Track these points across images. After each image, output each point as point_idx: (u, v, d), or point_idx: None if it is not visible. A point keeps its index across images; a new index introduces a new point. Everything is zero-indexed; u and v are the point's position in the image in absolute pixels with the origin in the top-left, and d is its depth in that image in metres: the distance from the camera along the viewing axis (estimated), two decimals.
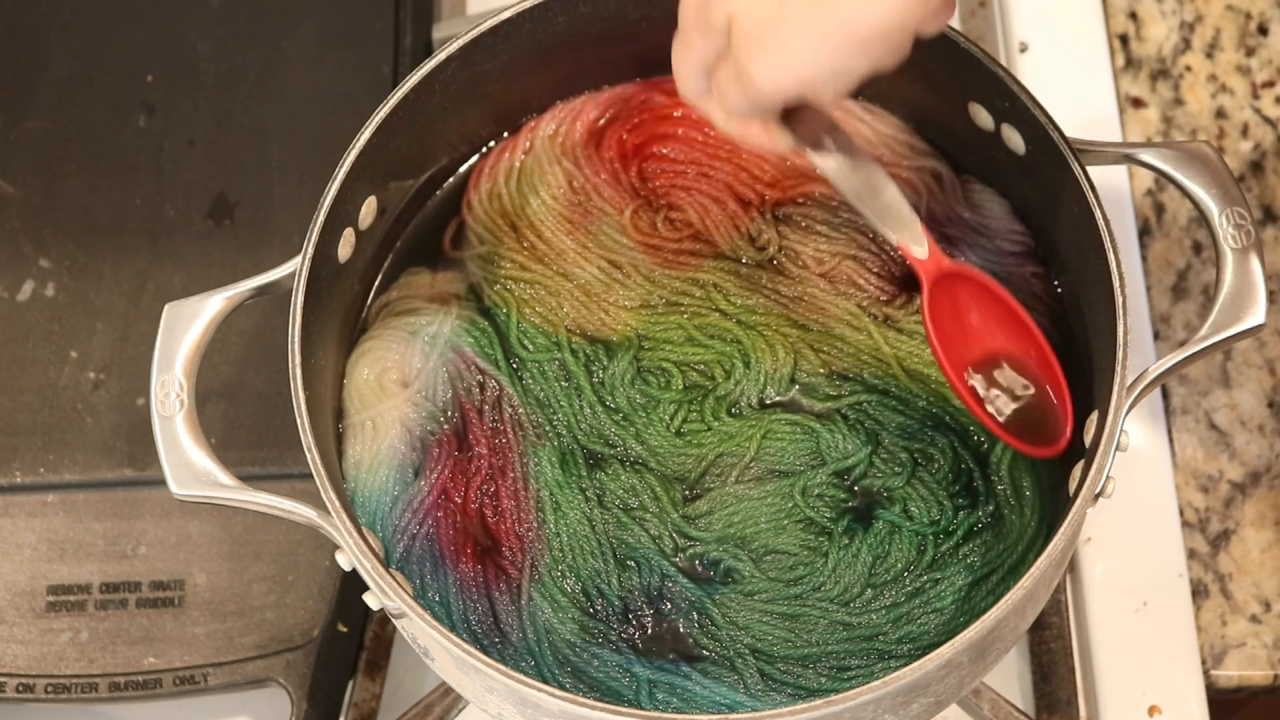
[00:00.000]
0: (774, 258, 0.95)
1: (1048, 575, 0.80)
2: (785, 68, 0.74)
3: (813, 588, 0.87)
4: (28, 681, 0.98)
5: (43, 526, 1.01)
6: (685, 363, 0.93)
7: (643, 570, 0.88)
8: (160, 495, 1.00)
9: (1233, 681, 1.00)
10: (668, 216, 0.97)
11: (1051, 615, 1.00)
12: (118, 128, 1.12)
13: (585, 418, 0.92)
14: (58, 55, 1.14)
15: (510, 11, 0.93)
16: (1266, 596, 1.02)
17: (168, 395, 0.84)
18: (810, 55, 0.73)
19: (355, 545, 0.81)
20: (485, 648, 0.87)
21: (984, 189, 0.97)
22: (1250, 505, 1.04)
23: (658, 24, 0.96)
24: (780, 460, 0.90)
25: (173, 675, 0.97)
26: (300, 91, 1.12)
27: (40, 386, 1.05)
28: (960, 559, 0.87)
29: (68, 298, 1.07)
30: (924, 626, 0.86)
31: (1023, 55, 1.14)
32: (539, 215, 0.97)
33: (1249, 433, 1.05)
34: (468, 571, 0.88)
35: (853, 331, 0.93)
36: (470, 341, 0.93)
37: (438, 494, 0.90)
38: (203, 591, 0.99)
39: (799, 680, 0.85)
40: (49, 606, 1.00)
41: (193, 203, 1.09)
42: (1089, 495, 0.80)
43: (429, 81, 0.91)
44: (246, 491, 0.84)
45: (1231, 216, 0.86)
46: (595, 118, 0.99)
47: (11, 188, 1.11)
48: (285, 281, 0.87)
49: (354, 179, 0.89)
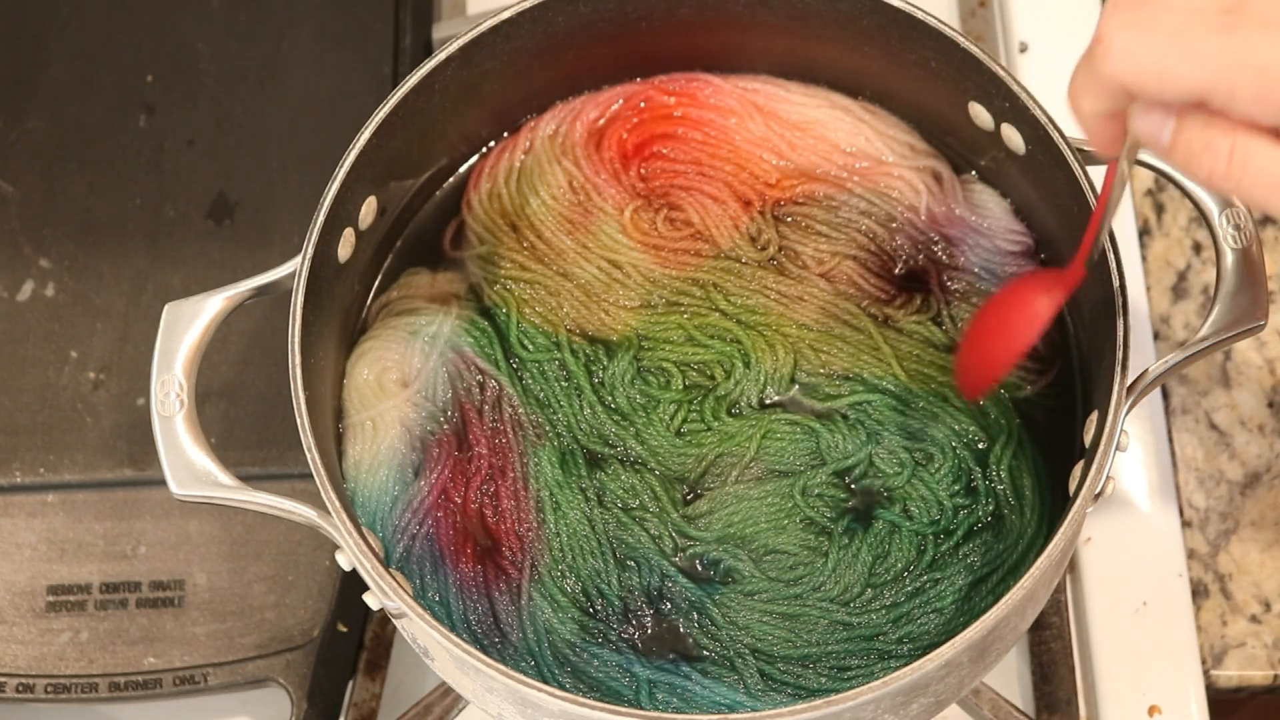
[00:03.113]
0: (774, 258, 0.95)
1: (1048, 575, 0.80)
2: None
3: (813, 588, 0.87)
4: (28, 681, 0.98)
5: (43, 526, 1.01)
6: (685, 363, 0.93)
7: (643, 570, 0.88)
8: (160, 495, 1.00)
9: (1233, 681, 1.00)
10: (668, 216, 0.97)
11: (1051, 615, 1.00)
12: (118, 128, 1.12)
13: (585, 418, 0.92)
14: (58, 55, 1.14)
15: (510, 11, 0.92)
16: (1266, 596, 1.02)
17: (168, 395, 0.84)
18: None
19: (355, 545, 0.81)
20: (485, 648, 0.87)
21: (984, 189, 0.97)
22: (1250, 505, 1.04)
23: (658, 24, 0.97)
24: (780, 460, 0.90)
25: (173, 675, 0.97)
26: (300, 91, 1.12)
27: (40, 386, 1.05)
28: (960, 559, 0.87)
29: (68, 298, 1.07)
30: (924, 626, 0.86)
31: (1023, 55, 1.14)
32: (539, 215, 0.97)
33: (1249, 433, 1.05)
34: (468, 571, 0.88)
35: (853, 331, 0.93)
36: (470, 341, 0.93)
37: (438, 494, 0.90)
38: (203, 591, 0.99)
39: (799, 680, 0.85)
40: (49, 606, 1.00)
41: (193, 203, 1.09)
42: (1089, 495, 0.80)
43: (429, 81, 0.91)
44: (246, 491, 0.84)
45: (1231, 216, 0.86)
46: (595, 118, 0.99)
47: (11, 188, 1.11)
48: (285, 281, 0.87)
49: (354, 179, 0.89)
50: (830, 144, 0.97)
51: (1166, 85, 0.66)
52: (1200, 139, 0.68)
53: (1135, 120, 0.70)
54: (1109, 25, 0.67)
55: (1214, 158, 0.67)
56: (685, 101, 0.99)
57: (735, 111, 0.98)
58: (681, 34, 0.97)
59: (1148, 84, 0.67)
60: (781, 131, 0.98)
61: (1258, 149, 0.67)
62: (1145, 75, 0.67)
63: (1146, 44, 0.66)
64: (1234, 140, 0.67)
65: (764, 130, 0.98)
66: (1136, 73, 0.67)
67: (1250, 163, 0.67)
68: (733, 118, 0.98)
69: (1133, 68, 0.67)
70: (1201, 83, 0.65)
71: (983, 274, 0.94)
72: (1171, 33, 0.66)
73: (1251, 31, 0.64)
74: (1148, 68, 0.67)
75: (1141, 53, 0.67)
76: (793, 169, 0.97)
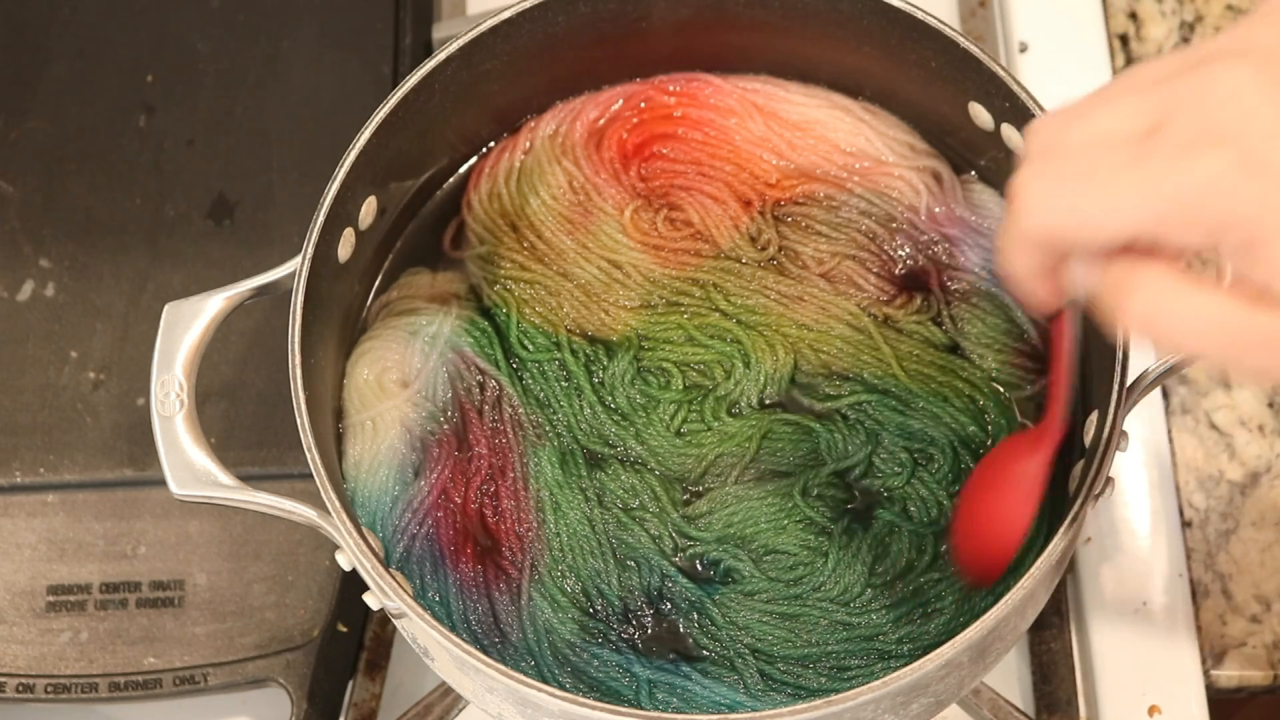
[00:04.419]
0: (774, 258, 0.95)
1: (1048, 575, 0.80)
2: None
3: (813, 588, 0.87)
4: (28, 681, 0.98)
5: (43, 526, 1.01)
6: (685, 363, 0.93)
7: (643, 570, 0.88)
8: (160, 495, 1.00)
9: (1233, 681, 1.00)
10: (668, 216, 0.97)
11: (1051, 615, 1.00)
12: (118, 128, 1.12)
13: (585, 418, 0.92)
14: (58, 55, 1.14)
15: (510, 11, 0.92)
16: (1266, 596, 1.02)
17: (168, 395, 0.84)
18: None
19: (355, 545, 0.81)
20: (485, 648, 0.87)
21: (984, 189, 0.97)
22: (1250, 505, 1.04)
23: (658, 24, 0.97)
24: (780, 460, 0.90)
25: (173, 675, 0.97)
26: (300, 91, 1.12)
27: (40, 386, 1.05)
28: None
29: (68, 298, 1.07)
30: (924, 626, 0.86)
31: (1023, 55, 1.14)
32: (539, 215, 0.97)
33: (1249, 433, 1.05)
34: (468, 571, 0.88)
35: (853, 331, 0.93)
36: (470, 341, 0.93)
37: (438, 494, 0.90)
38: (203, 591, 0.99)
39: (799, 680, 0.85)
40: (49, 606, 1.00)
41: (193, 203, 1.09)
42: (1089, 495, 0.80)
43: (429, 81, 0.91)
44: (246, 491, 0.84)
45: None
46: (595, 118, 0.99)
47: (11, 188, 1.11)
48: (285, 281, 0.87)
49: (354, 179, 0.89)
50: (830, 144, 0.97)
51: (1090, 234, 0.62)
52: (1122, 288, 0.63)
53: (1073, 272, 0.65)
54: (1022, 180, 0.64)
55: (1138, 307, 0.63)
56: (685, 101, 0.99)
57: (735, 111, 0.98)
58: (681, 34, 0.97)
59: (1070, 235, 0.63)
60: (781, 131, 0.98)
61: (1183, 299, 0.61)
62: (1065, 227, 0.63)
63: (1060, 193, 0.62)
64: (1157, 288, 0.62)
65: (764, 130, 0.98)
66: (1056, 226, 0.63)
67: (1176, 315, 0.62)
68: (733, 118, 0.98)
69: (1051, 222, 0.63)
70: (1127, 224, 0.61)
71: (983, 274, 0.94)
72: (1084, 176, 0.62)
73: (1169, 158, 0.60)
74: (1066, 219, 0.62)
75: (1057, 204, 0.62)
76: (793, 169, 0.97)
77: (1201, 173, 0.59)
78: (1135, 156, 0.61)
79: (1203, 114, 0.60)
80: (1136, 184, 0.60)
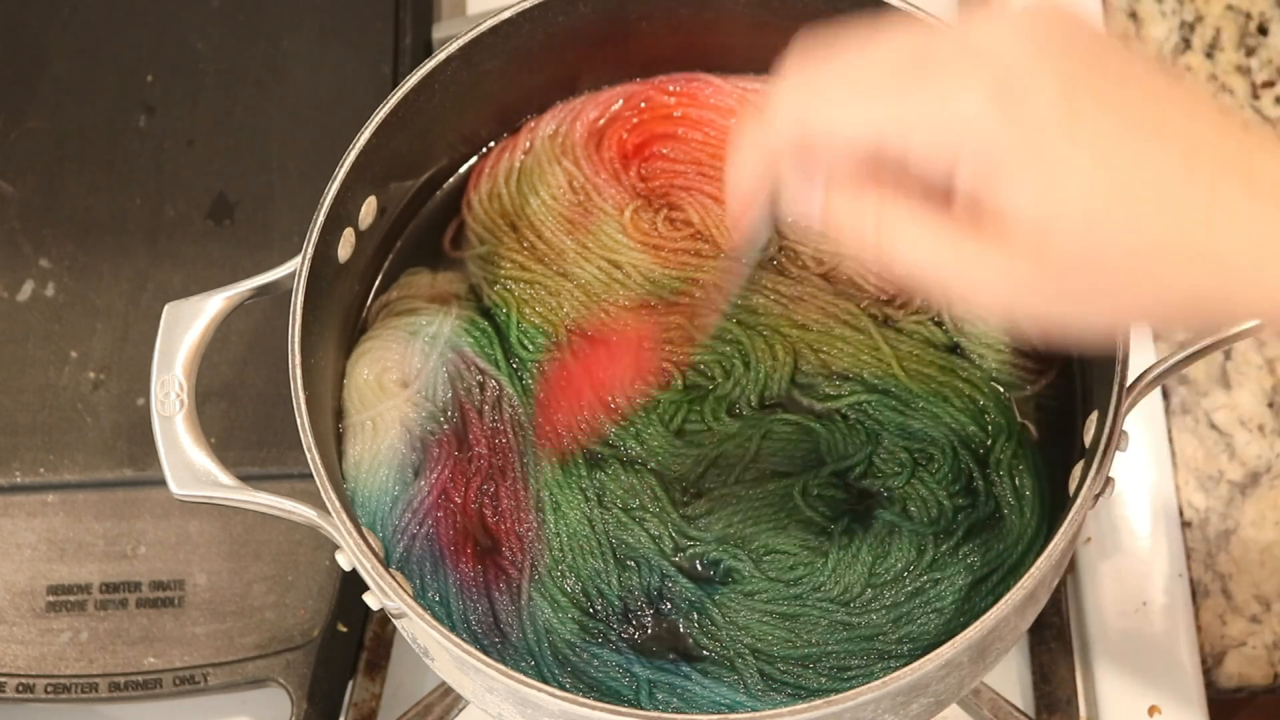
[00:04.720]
0: (774, 258, 0.95)
1: (1048, 575, 0.80)
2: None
3: (813, 588, 0.87)
4: (28, 681, 0.98)
5: (43, 526, 1.01)
6: (685, 363, 0.93)
7: (643, 570, 0.88)
8: (160, 495, 1.00)
9: (1233, 681, 1.00)
10: (668, 216, 0.97)
11: (1051, 615, 1.00)
12: (118, 128, 1.12)
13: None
14: (58, 55, 1.14)
15: (510, 11, 0.93)
16: (1266, 596, 1.02)
17: (168, 395, 0.84)
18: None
19: (355, 545, 0.81)
20: (485, 648, 0.87)
21: None
22: (1250, 505, 1.04)
23: (658, 24, 0.97)
24: (780, 460, 0.90)
25: (173, 675, 0.97)
26: (300, 91, 1.12)
27: (40, 386, 1.05)
28: (960, 559, 0.87)
29: (68, 298, 1.07)
30: (924, 626, 0.86)
31: None
32: (539, 215, 0.97)
33: (1249, 433, 1.05)
34: (468, 571, 0.88)
35: (853, 331, 0.93)
36: (470, 341, 0.93)
37: (438, 494, 0.90)
38: (203, 591, 0.99)
39: (799, 680, 0.85)
40: (49, 606, 1.00)
41: (193, 203, 1.09)
42: (1089, 495, 0.80)
43: (429, 81, 0.91)
44: (246, 491, 0.84)
45: None
46: (595, 118, 0.99)
47: (11, 188, 1.11)
48: (285, 281, 0.87)
49: (354, 179, 0.89)
50: None
51: (837, 133, 0.64)
52: (848, 211, 0.65)
53: (786, 192, 0.67)
54: (781, 82, 0.66)
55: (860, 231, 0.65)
56: (685, 101, 0.99)
57: (735, 111, 0.98)
58: (681, 34, 0.97)
59: (818, 133, 0.64)
60: None
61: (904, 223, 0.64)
62: (814, 125, 0.64)
63: (814, 96, 0.65)
64: (880, 212, 0.64)
65: None
66: (805, 123, 0.65)
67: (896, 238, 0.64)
68: (733, 118, 0.98)
69: (801, 117, 0.65)
70: (873, 127, 0.63)
71: None
72: (847, 82, 0.64)
73: (923, 75, 0.62)
74: (818, 117, 0.64)
75: (810, 103, 0.65)
76: None
77: (952, 88, 0.61)
78: (892, 74, 0.63)
79: (962, 44, 0.62)
80: (887, 92, 0.63)
